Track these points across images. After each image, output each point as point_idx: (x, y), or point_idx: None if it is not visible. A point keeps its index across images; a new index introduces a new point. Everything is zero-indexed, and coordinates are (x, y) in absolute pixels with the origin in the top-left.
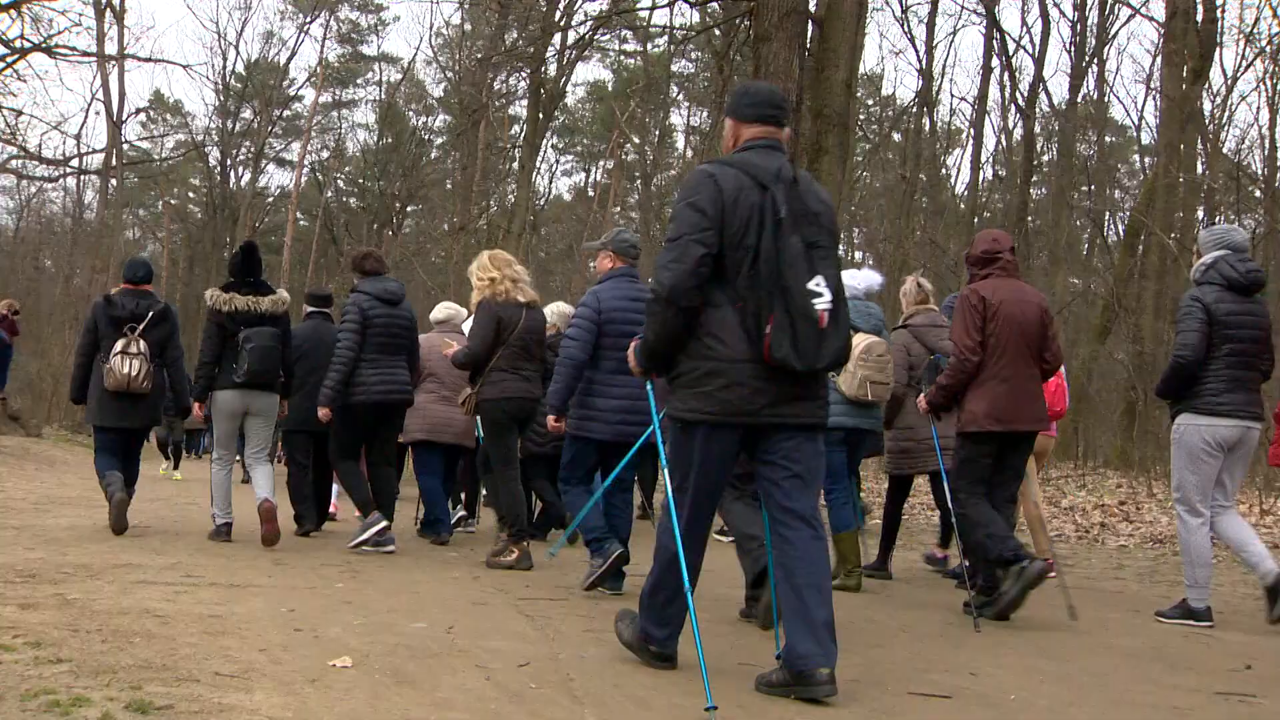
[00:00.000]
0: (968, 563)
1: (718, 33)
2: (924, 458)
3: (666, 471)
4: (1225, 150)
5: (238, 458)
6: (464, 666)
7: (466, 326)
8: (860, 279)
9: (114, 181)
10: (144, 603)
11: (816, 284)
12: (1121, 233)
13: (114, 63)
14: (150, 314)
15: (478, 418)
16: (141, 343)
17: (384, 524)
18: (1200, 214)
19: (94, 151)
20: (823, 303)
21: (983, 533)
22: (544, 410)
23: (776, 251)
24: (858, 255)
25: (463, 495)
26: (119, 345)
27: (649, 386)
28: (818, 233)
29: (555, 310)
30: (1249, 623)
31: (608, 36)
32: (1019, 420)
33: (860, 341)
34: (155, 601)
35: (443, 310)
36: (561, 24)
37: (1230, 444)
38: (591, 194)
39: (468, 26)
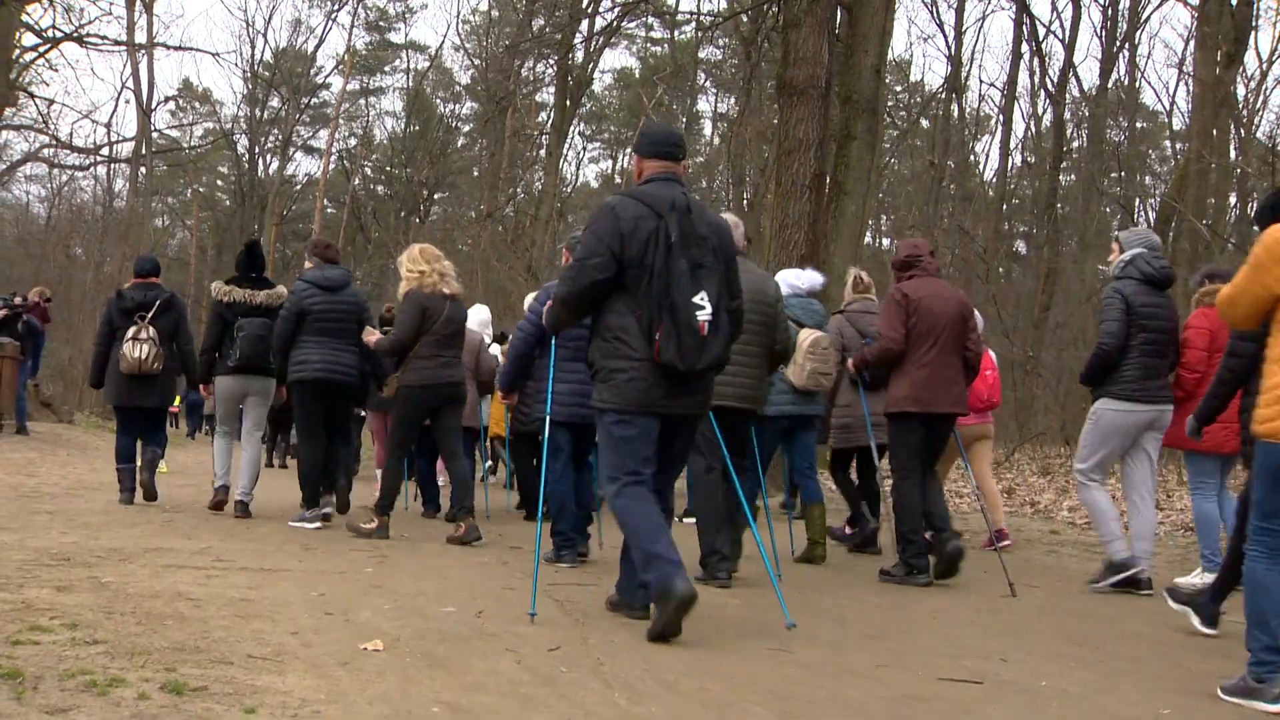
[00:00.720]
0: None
1: (746, 19)
2: (861, 433)
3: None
4: (1259, 135)
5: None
6: (494, 650)
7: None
8: (804, 279)
9: (143, 169)
10: (176, 586)
11: (700, 299)
12: (1153, 219)
13: (144, 51)
14: (157, 303)
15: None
16: (150, 329)
17: (326, 516)
18: (1233, 200)
19: (124, 140)
20: (704, 314)
21: (913, 512)
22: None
23: (667, 270)
24: (885, 242)
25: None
26: (130, 332)
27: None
28: (704, 254)
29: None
30: None
31: (635, 23)
32: (936, 403)
33: (806, 336)
34: (187, 585)
35: None
36: (589, 10)
37: (1146, 426)
38: (619, 181)
39: (495, 13)
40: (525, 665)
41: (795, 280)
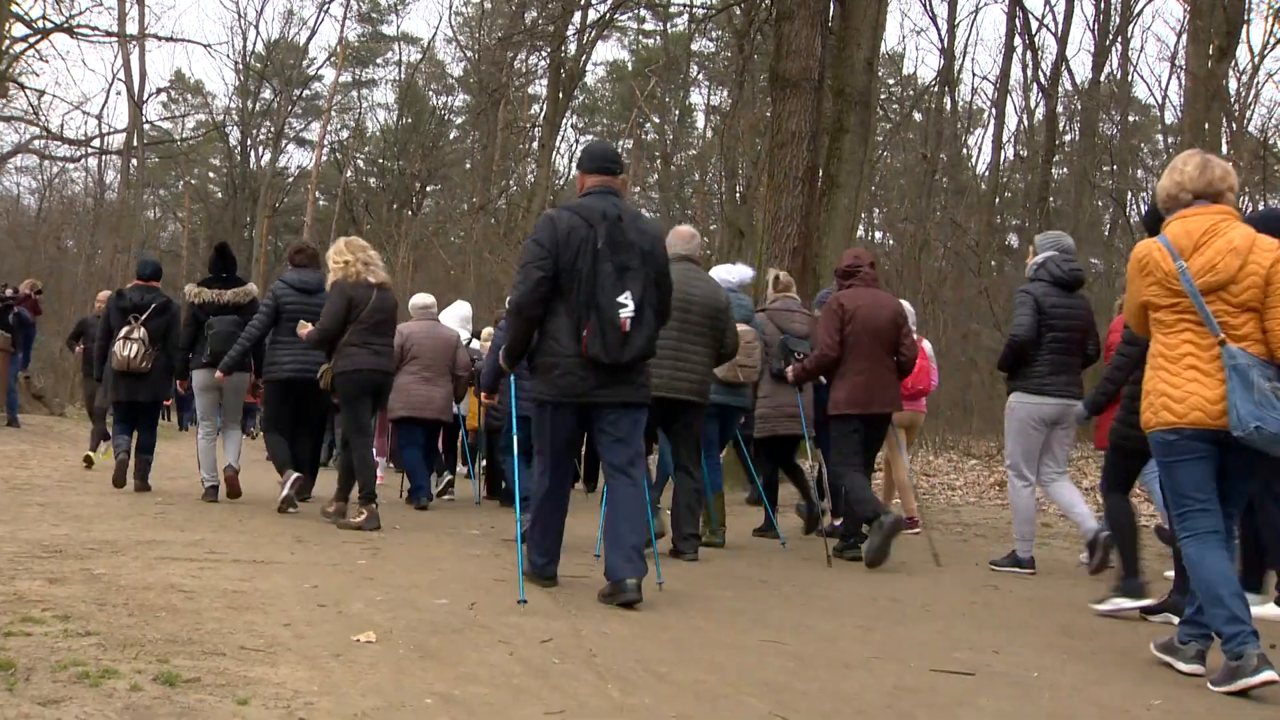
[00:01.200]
0: (839, 521)
1: (739, 11)
2: (781, 422)
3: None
4: (1251, 129)
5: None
6: (487, 642)
7: (444, 317)
8: (734, 273)
9: (135, 161)
10: (169, 578)
11: (624, 298)
12: (1144, 212)
13: (135, 42)
14: (152, 306)
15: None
16: (142, 330)
17: (297, 475)
18: None
19: (115, 131)
20: (627, 312)
21: (854, 498)
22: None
23: (594, 274)
24: (878, 235)
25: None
26: (123, 332)
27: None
28: (631, 258)
29: None
30: (1273, 608)
31: (627, 15)
32: (874, 405)
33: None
34: (180, 577)
35: (422, 299)
36: (581, 3)
37: (1053, 419)
38: None
39: (487, 5)
40: (518, 657)
41: (726, 275)
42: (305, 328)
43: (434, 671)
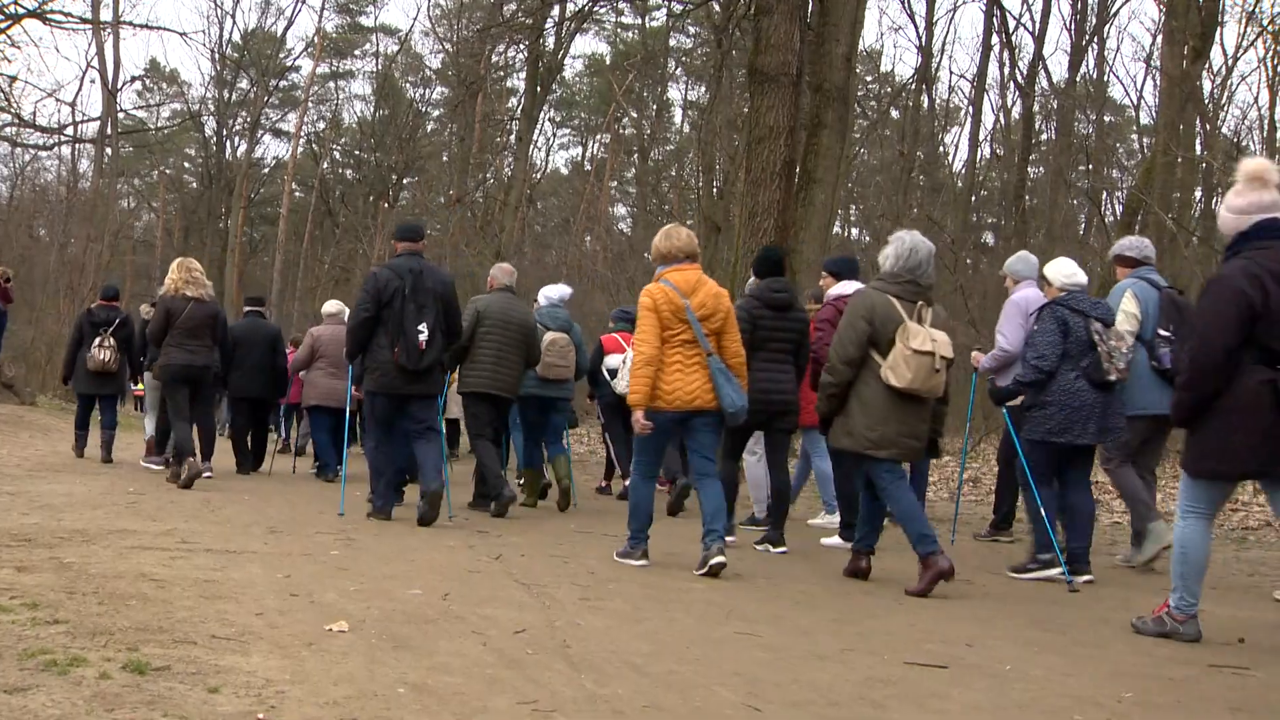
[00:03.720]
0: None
1: (717, 6)
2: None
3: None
4: (1224, 130)
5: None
6: (460, 632)
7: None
8: (555, 291)
9: (109, 150)
10: (140, 567)
11: (421, 327)
12: (1119, 212)
13: (109, 29)
14: (116, 321)
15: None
16: (111, 339)
17: (191, 458)
18: (1198, 193)
19: (89, 120)
20: (423, 336)
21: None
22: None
23: (402, 312)
24: (854, 232)
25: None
26: (96, 340)
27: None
28: (426, 300)
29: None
30: (1242, 598)
31: (606, 9)
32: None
33: (549, 338)
34: (151, 566)
35: (332, 306)
36: None
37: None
38: (588, 168)
39: None
40: (491, 647)
41: (549, 292)
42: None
43: (407, 661)
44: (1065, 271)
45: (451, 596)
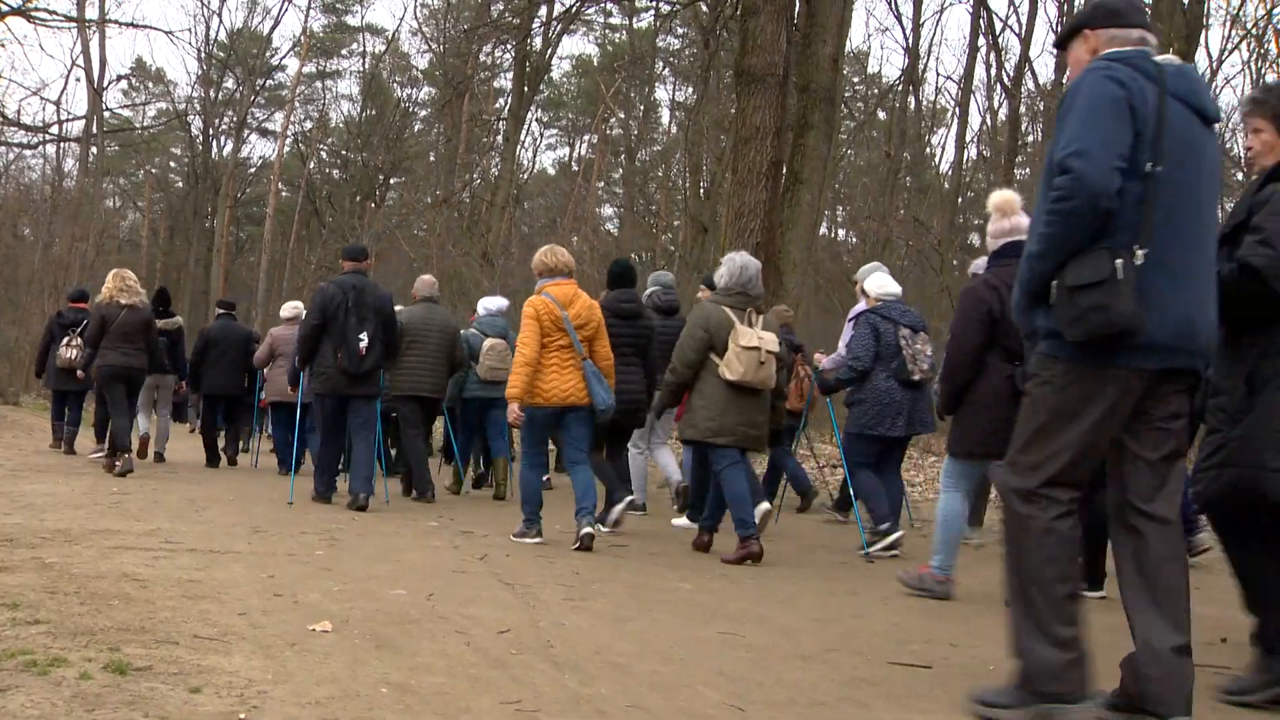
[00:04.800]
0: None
1: (705, 7)
2: None
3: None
4: None
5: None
6: (444, 633)
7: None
8: (493, 303)
9: (94, 149)
10: (122, 567)
11: (362, 336)
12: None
13: (95, 28)
14: (84, 322)
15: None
16: (78, 339)
17: (127, 454)
18: None
19: (74, 118)
20: (363, 344)
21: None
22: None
23: (344, 322)
24: (841, 233)
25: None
26: (64, 340)
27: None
28: (368, 312)
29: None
30: (1224, 598)
31: (593, 10)
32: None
33: (488, 344)
34: (134, 566)
35: (289, 309)
36: None
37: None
38: (575, 168)
39: None
40: (475, 647)
41: (488, 304)
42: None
43: (390, 661)
44: (880, 284)
45: (436, 597)
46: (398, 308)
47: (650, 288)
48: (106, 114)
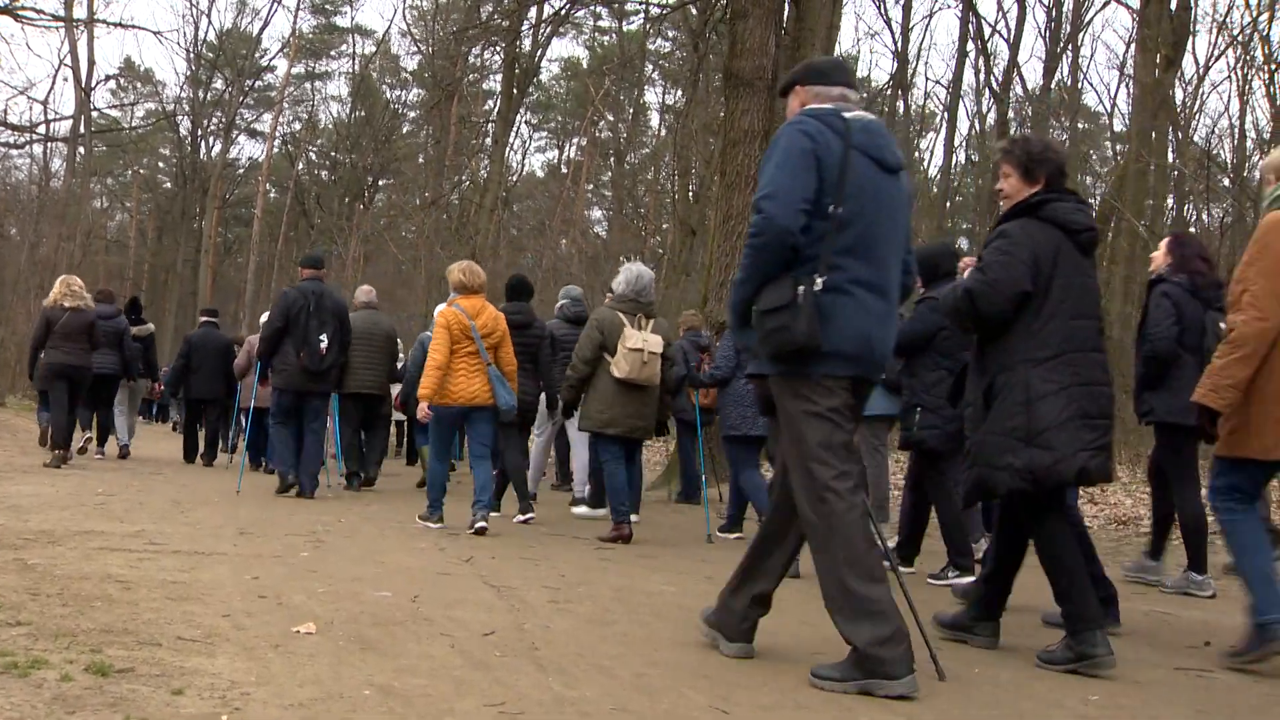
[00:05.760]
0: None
1: (694, 10)
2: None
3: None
4: (1196, 138)
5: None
6: (429, 635)
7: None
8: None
9: (82, 149)
10: (106, 568)
11: (322, 337)
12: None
13: (82, 27)
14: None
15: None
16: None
17: (61, 449)
18: (1170, 201)
19: (61, 118)
20: (323, 343)
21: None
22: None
23: (305, 325)
24: None
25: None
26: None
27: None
28: (327, 316)
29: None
30: (1208, 603)
31: (583, 12)
32: None
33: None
34: (117, 568)
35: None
36: None
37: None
38: (565, 171)
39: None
40: (459, 649)
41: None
42: None
43: (374, 663)
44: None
45: (421, 599)
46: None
47: (561, 300)
48: (94, 114)
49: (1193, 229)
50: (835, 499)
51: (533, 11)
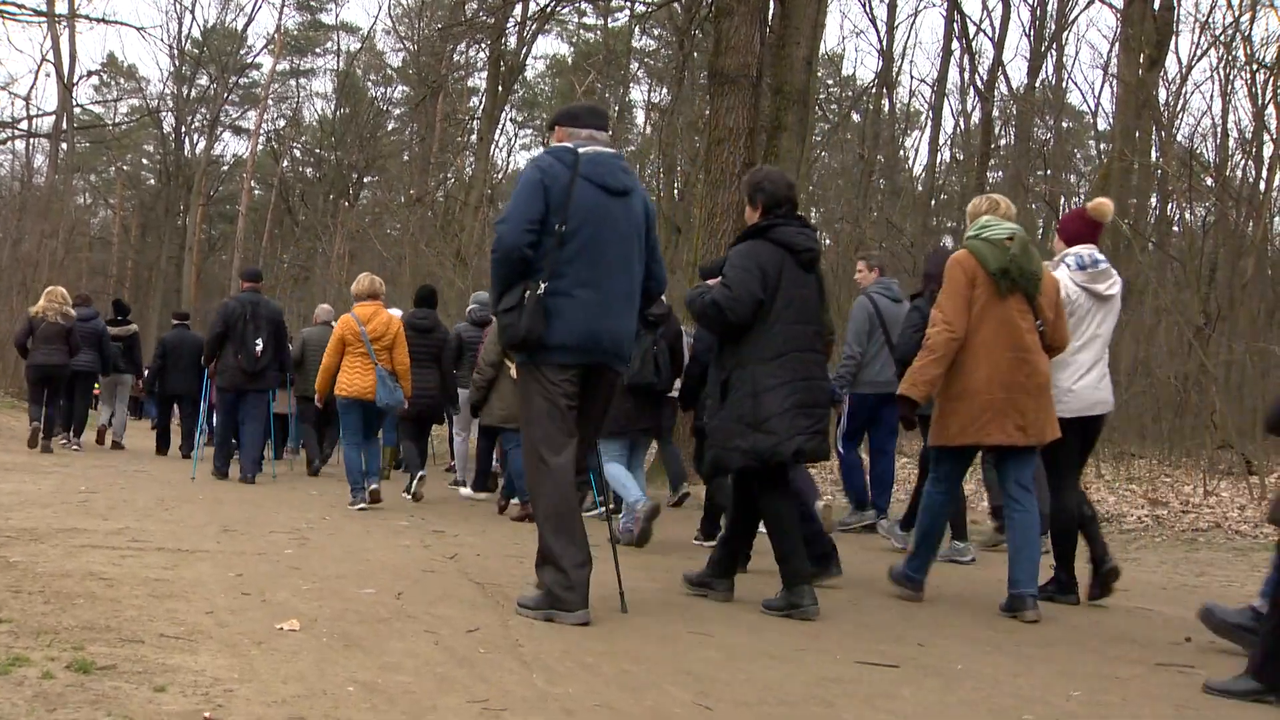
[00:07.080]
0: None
1: (679, 7)
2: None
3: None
4: (1179, 138)
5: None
6: (412, 632)
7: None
8: (397, 312)
9: (64, 145)
10: (89, 566)
11: (258, 342)
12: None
13: (65, 23)
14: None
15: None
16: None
17: (45, 440)
18: (1154, 200)
19: (44, 114)
20: (259, 347)
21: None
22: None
23: (243, 331)
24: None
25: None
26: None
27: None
28: (261, 322)
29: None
30: (1190, 599)
31: (568, 9)
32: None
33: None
34: (100, 565)
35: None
36: None
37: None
38: None
39: None
40: (443, 646)
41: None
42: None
43: (357, 660)
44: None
45: (405, 596)
46: (305, 329)
47: (471, 305)
48: (77, 110)
49: (1175, 228)
50: (543, 464)
51: (518, 9)
